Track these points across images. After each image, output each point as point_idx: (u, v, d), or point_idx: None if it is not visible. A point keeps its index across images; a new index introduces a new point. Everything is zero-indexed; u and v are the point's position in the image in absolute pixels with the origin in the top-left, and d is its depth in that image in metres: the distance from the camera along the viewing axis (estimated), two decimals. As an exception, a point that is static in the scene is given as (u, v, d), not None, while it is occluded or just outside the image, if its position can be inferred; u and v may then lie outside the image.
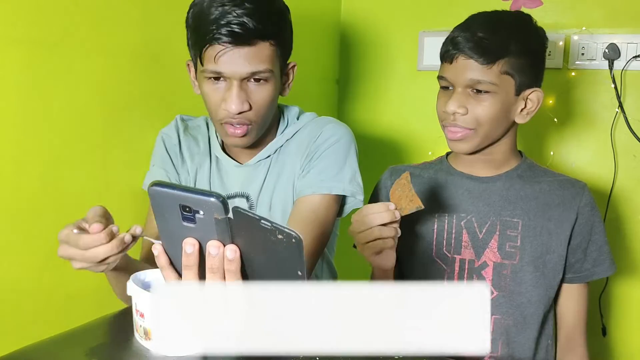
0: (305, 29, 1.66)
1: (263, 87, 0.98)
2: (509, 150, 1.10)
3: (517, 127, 1.09)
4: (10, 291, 0.94)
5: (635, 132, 1.54)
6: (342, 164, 1.05)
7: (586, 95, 1.60)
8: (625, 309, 1.61)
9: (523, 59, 1.01)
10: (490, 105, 1.01)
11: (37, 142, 0.97)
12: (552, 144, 1.65)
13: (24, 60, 0.94)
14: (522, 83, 1.02)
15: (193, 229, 0.55)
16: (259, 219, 0.52)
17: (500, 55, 0.99)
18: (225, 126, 1.00)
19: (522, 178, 1.09)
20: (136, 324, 0.78)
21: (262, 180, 1.09)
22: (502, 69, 0.99)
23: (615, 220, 1.59)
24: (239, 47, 0.93)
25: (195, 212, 0.54)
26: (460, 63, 1.01)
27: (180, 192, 0.55)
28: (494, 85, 0.99)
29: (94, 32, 1.05)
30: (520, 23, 1.05)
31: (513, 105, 1.03)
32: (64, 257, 0.73)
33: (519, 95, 1.03)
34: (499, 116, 1.02)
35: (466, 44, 1.00)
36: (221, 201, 0.53)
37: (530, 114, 1.05)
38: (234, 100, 0.95)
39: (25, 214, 0.96)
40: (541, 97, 1.05)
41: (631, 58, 1.52)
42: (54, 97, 0.99)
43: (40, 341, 0.81)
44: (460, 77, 1.01)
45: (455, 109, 1.01)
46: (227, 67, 0.94)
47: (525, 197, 1.07)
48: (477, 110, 1.01)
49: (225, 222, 0.54)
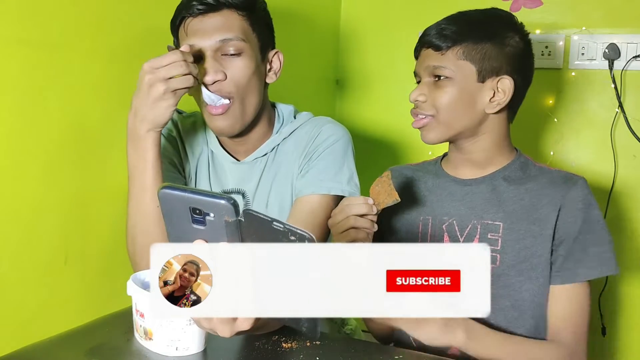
0: (305, 29, 1.67)
1: (238, 60, 1.00)
2: (493, 148, 1.05)
3: (504, 124, 1.05)
4: (10, 291, 0.94)
5: (635, 132, 1.54)
6: (340, 165, 1.05)
7: (586, 95, 1.60)
8: (625, 309, 1.61)
9: (485, 46, 0.99)
10: (448, 92, 1.00)
11: (37, 142, 0.97)
12: (552, 144, 1.65)
13: (24, 60, 0.94)
14: (486, 70, 1.00)
15: (203, 231, 0.55)
16: (270, 221, 0.52)
17: (457, 41, 0.99)
18: (207, 107, 1.00)
19: (509, 179, 1.04)
20: (136, 324, 0.78)
21: (259, 178, 1.09)
22: (458, 54, 0.99)
23: (615, 220, 1.59)
24: (206, 15, 0.97)
25: (206, 214, 0.54)
26: (423, 54, 1.04)
27: (191, 195, 0.55)
28: (449, 70, 0.99)
29: (93, 32, 1.05)
30: (488, 14, 1.04)
31: (478, 94, 1.01)
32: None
33: (483, 82, 1.00)
34: (460, 103, 1.00)
35: (428, 36, 1.02)
36: (232, 204, 0.54)
37: (500, 104, 1.01)
38: (207, 70, 0.97)
39: (25, 214, 0.96)
40: (511, 87, 1.01)
41: (631, 58, 1.52)
42: (54, 97, 0.99)
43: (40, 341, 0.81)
44: (421, 67, 1.03)
45: (416, 97, 1.02)
46: (198, 39, 0.98)
47: (509, 200, 1.03)
48: (435, 97, 1.01)
49: (236, 224, 0.54)
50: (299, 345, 0.80)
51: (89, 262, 1.07)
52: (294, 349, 0.79)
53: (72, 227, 1.04)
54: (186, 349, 0.75)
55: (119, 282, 0.87)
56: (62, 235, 1.02)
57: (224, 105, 1.00)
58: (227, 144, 1.12)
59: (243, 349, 0.79)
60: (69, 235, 1.03)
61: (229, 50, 0.98)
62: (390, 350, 0.84)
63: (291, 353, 0.78)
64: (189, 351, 0.75)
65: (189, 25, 0.99)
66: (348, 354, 0.79)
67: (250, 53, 1.01)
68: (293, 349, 0.79)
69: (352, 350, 0.80)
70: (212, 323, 0.58)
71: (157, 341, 0.75)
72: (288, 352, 0.78)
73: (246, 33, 1.01)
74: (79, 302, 1.05)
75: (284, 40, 1.16)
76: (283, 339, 0.81)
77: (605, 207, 1.58)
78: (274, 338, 0.81)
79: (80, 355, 0.77)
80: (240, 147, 1.10)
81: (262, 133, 1.10)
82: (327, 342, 0.82)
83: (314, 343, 0.81)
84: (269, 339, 0.81)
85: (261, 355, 0.77)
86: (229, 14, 0.99)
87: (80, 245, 1.05)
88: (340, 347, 0.81)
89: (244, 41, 0.99)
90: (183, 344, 0.75)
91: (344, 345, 0.83)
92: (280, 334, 0.82)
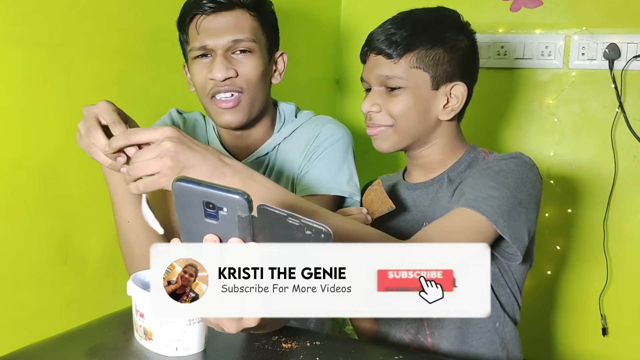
0: (305, 29, 1.67)
1: (248, 58, 1.00)
2: (443, 151, 1.02)
3: (454, 127, 1.03)
4: (10, 291, 0.94)
5: (635, 132, 1.54)
6: (340, 165, 1.05)
7: (586, 95, 1.60)
8: (625, 309, 1.61)
9: (438, 52, 0.95)
10: (403, 100, 0.96)
11: (37, 142, 0.97)
12: (552, 144, 1.65)
13: (24, 60, 0.94)
14: (440, 77, 0.96)
15: (215, 226, 0.55)
16: (286, 216, 0.52)
17: (408, 49, 0.95)
18: (216, 101, 1.00)
19: (453, 181, 1.00)
20: (136, 324, 0.78)
21: (261, 179, 1.09)
22: (411, 62, 0.95)
23: (615, 220, 1.59)
24: (218, 14, 0.97)
25: (219, 209, 0.54)
26: (372, 61, 0.99)
27: (206, 189, 0.54)
28: (403, 80, 0.96)
29: (94, 32, 1.05)
30: (435, 16, 1.00)
31: (432, 101, 0.98)
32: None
33: (437, 89, 0.97)
34: (416, 112, 0.97)
35: (376, 41, 0.98)
36: (246, 199, 0.53)
37: (454, 111, 0.98)
38: (218, 68, 0.97)
39: (25, 214, 0.96)
40: (465, 92, 0.98)
41: (631, 58, 1.52)
42: (54, 97, 0.99)
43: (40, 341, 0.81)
44: (372, 76, 0.99)
45: (369, 108, 0.99)
46: (209, 38, 0.97)
47: (447, 198, 0.99)
48: (390, 107, 0.97)
49: (248, 219, 0.54)
50: (299, 346, 0.80)
51: (89, 262, 1.07)
52: (294, 349, 0.79)
53: (71, 227, 1.04)
54: (186, 349, 0.75)
55: (119, 282, 0.87)
56: (61, 235, 1.02)
57: (235, 99, 1.00)
58: (228, 142, 1.12)
59: (243, 349, 0.79)
60: (69, 235, 1.03)
61: (240, 50, 0.99)
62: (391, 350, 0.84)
63: (291, 353, 0.78)
64: (189, 351, 0.75)
65: (201, 23, 0.98)
66: (348, 354, 0.78)
67: (259, 53, 1.02)
68: (293, 349, 0.79)
69: (352, 350, 0.80)
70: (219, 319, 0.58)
71: (157, 341, 0.75)
72: (288, 352, 0.78)
73: (256, 33, 1.01)
74: (79, 302, 1.05)
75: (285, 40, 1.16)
76: (283, 339, 0.81)
77: (606, 207, 1.58)
78: (274, 338, 0.81)
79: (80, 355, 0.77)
80: (242, 143, 1.10)
81: (264, 131, 1.10)
82: (327, 342, 0.82)
83: (314, 343, 0.81)
84: (269, 339, 0.81)
85: (261, 356, 0.77)
86: (240, 14, 0.99)
87: (80, 245, 1.05)
88: (340, 347, 0.81)
89: (254, 42, 1.00)
90: (183, 344, 0.75)
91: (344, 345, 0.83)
92: (280, 334, 0.82)
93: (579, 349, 1.66)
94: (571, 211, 1.64)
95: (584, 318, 1.65)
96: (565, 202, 1.64)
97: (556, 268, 1.65)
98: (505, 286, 0.98)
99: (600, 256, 1.61)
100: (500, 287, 0.98)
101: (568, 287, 1.68)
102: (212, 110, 1.03)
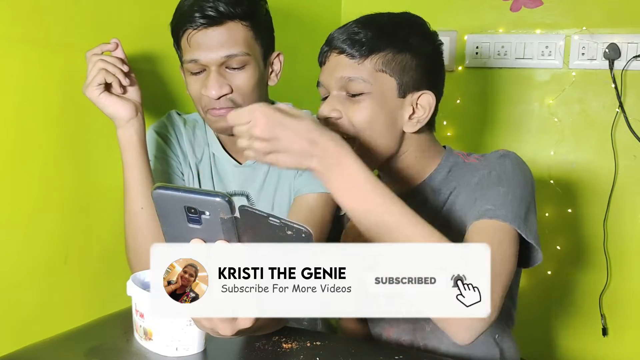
0: (306, 29, 1.66)
1: (242, 72, 0.99)
2: (419, 162, 0.95)
3: (425, 137, 0.94)
4: (10, 291, 0.94)
5: (636, 132, 1.54)
6: None
7: (586, 95, 1.60)
8: (625, 309, 1.61)
9: (405, 57, 0.88)
10: (367, 108, 0.87)
11: (37, 142, 0.97)
12: (552, 144, 1.65)
13: (24, 60, 0.94)
14: (406, 84, 0.88)
15: (199, 230, 0.55)
16: (267, 216, 0.52)
17: (374, 49, 0.87)
18: (211, 112, 1.01)
19: (438, 191, 0.94)
20: (136, 324, 0.78)
21: (263, 181, 1.09)
22: (377, 65, 0.87)
23: (615, 220, 1.59)
24: (209, 29, 0.96)
25: (201, 213, 0.54)
26: (332, 61, 0.91)
27: (185, 194, 0.54)
28: (367, 83, 0.87)
29: (94, 32, 1.04)
30: (400, 20, 0.93)
31: (398, 110, 0.89)
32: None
33: (404, 97, 0.89)
34: (380, 122, 0.88)
35: (337, 40, 0.90)
36: (227, 201, 0.53)
37: (420, 122, 0.90)
38: (212, 85, 0.97)
39: (25, 214, 0.96)
40: (433, 103, 0.90)
41: (631, 58, 1.52)
42: (54, 97, 0.99)
43: (40, 341, 0.81)
44: (331, 78, 0.90)
45: (327, 114, 0.89)
46: (202, 53, 0.96)
47: (437, 212, 0.93)
48: (352, 115, 0.88)
49: (232, 221, 0.54)
50: (299, 346, 0.80)
51: (89, 262, 1.07)
52: (294, 349, 0.79)
53: (72, 227, 1.04)
54: (186, 349, 0.75)
55: (119, 282, 0.87)
56: (62, 235, 1.02)
57: (230, 109, 0.99)
58: (228, 145, 1.12)
59: (243, 350, 0.79)
60: (69, 235, 1.03)
61: (233, 65, 0.98)
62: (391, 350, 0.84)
63: (291, 353, 0.78)
64: (189, 351, 0.75)
65: (192, 38, 0.97)
66: (348, 354, 0.78)
67: (253, 64, 1.00)
68: (293, 349, 0.79)
69: (352, 350, 0.80)
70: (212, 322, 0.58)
71: (157, 341, 0.75)
72: (288, 353, 0.78)
73: (250, 45, 0.99)
74: (79, 302, 1.05)
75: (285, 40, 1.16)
76: (283, 340, 0.81)
77: (606, 207, 1.58)
78: (274, 339, 0.81)
79: (80, 355, 0.77)
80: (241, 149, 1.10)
81: None
82: (327, 342, 0.82)
83: (314, 343, 0.81)
84: (269, 339, 0.81)
85: (261, 356, 0.77)
86: (232, 26, 0.97)
87: (80, 245, 1.05)
88: (340, 347, 0.81)
89: (247, 54, 0.98)
90: (183, 344, 0.75)
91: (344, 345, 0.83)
92: (280, 334, 0.82)
93: (579, 349, 1.66)
94: (571, 211, 1.64)
95: (584, 318, 1.65)
96: (565, 202, 1.64)
97: (556, 268, 1.65)
98: (507, 298, 0.96)
99: (600, 256, 1.61)
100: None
101: (568, 287, 1.68)
102: (207, 119, 1.04)
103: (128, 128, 0.96)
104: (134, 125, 0.96)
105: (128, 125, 0.96)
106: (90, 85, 0.93)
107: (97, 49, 0.95)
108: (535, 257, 0.86)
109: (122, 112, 0.95)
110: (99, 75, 0.92)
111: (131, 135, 0.96)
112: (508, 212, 0.81)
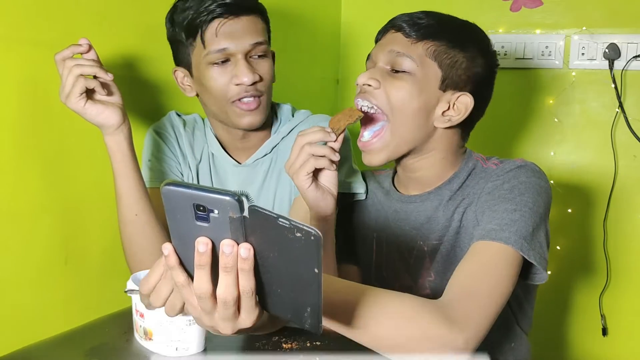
0: (306, 29, 1.66)
1: (264, 61, 1.02)
2: (442, 165, 0.95)
3: (455, 141, 0.95)
4: (10, 291, 0.94)
5: (635, 132, 1.54)
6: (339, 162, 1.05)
7: (586, 95, 1.60)
8: (625, 309, 1.61)
9: (458, 54, 0.89)
10: (406, 87, 0.87)
11: (37, 142, 0.97)
12: (552, 144, 1.65)
13: (24, 60, 0.94)
14: (451, 80, 0.89)
15: (206, 228, 0.55)
16: (276, 217, 0.51)
17: (430, 36, 0.88)
18: (238, 104, 1.01)
19: (453, 199, 0.94)
20: (136, 324, 0.78)
21: (262, 180, 1.09)
22: (428, 51, 0.88)
23: (616, 220, 1.59)
24: (237, 17, 0.98)
25: (210, 211, 0.54)
26: (388, 37, 0.92)
27: (195, 192, 0.54)
28: (414, 63, 0.87)
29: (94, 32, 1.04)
30: (468, 26, 0.95)
31: (435, 102, 0.89)
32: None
33: (444, 91, 0.89)
34: (415, 107, 0.88)
35: (399, 20, 0.91)
36: (237, 200, 0.53)
37: (452, 121, 0.91)
38: (246, 73, 0.98)
39: (25, 214, 0.96)
40: (470, 106, 0.90)
41: (631, 58, 1.52)
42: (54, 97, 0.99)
43: (40, 341, 0.81)
44: (383, 51, 0.90)
45: (365, 81, 0.89)
46: (231, 41, 0.98)
47: (448, 217, 0.93)
48: (390, 89, 0.88)
49: (240, 220, 0.53)
50: (299, 346, 0.80)
51: (89, 262, 1.07)
52: (294, 349, 0.79)
53: (72, 227, 1.04)
54: (186, 349, 0.75)
55: (119, 282, 0.87)
56: (62, 235, 1.02)
57: (257, 100, 1.02)
58: (228, 145, 1.12)
59: (243, 350, 0.79)
60: (69, 235, 1.03)
61: (258, 53, 1.01)
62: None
63: (291, 353, 0.78)
64: (189, 351, 0.75)
65: (221, 28, 0.97)
66: (348, 353, 0.78)
67: (270, 55, 1.04)
68: (293, 349, 0.79)
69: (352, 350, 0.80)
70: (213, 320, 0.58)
71: (157, 341, 0.75)
72: (288, 353, 0.78)
73: (266, 37, 1.04)
74: (79, 302, 1.05)
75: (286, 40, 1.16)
76: (283, 340, 0.81)
77: (606, 207, 1.58)
78: (274, 339, 0.81)
79: (80, 355, 0.77)
80: (242, 145, 1.10)
81: (263, 132, 1.11)
82: (327, 342, 0.82)
83: (314, 343, 0.81)
84: (270, 339, 0.81)
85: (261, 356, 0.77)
86: (255, 18, 1.01)
87: (80, 245, 1.05)
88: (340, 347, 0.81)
89: (267, 44, 1.03)
90: (183, 344, 0.75)
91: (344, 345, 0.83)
92: (280, 334, 0.82)
93: (579, 349, 1.66)
94: (571, 211, 1.64)
95: (584, 318, 1.65)
96: (566, 202, 1.64)
97: (556, 268, 1.65)
98: (523, 307, 0.96)
99: (600, 256, 1.61)
100: (520, 309, 0.95)
101: (568, 287, 1.68)
102: (231, 113, 1.02)
103: (117, 135, 0.91)
104: (123, 131, 0.92)
105: (117, 131, 0.91)
106: (71, 95, 0.86)
107: (68, 51, 0.87)
108: (542, 272, 0.84)
109: (111, 119, 0.89)
110: (79, 84, 0.85)
111: (121, 142, 0.92)
112: (512, 233, 0.80)
